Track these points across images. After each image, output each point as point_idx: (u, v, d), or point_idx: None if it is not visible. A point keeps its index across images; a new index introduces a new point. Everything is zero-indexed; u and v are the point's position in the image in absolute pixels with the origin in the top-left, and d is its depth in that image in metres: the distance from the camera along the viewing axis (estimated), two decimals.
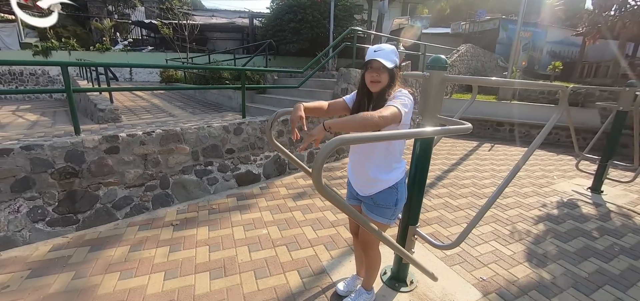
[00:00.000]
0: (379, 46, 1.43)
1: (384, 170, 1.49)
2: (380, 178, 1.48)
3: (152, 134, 3.06)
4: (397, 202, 1.53)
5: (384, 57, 1.40)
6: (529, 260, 2.51)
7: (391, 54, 1.42)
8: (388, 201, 1.52)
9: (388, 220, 1.56)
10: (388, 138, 1.15)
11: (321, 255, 2.42)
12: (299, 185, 3.85)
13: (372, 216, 1.55)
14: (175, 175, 3.26)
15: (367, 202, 1.58)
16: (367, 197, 1.57)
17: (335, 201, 1.11)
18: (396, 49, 1.43)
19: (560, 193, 4.10)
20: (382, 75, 1.41)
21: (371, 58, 1.41)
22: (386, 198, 1.51)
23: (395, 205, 1.53)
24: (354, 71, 5.15)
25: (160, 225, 2.82)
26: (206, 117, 5.53)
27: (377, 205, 1.53)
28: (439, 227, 2.98)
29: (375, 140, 1.18)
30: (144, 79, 14.08)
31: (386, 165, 1.49)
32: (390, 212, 1.54)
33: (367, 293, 1.87)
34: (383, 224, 1.56)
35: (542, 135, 1.82)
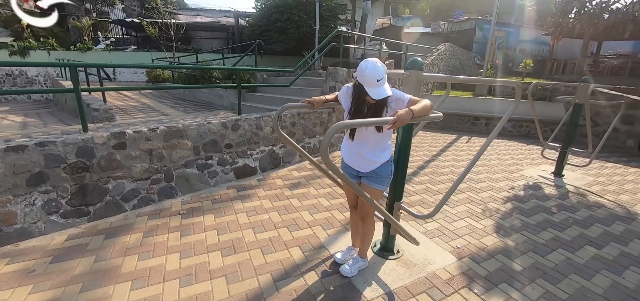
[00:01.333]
0: (377, 71, 1.58)
1: (381, 149, 1.85)
2: (378, 157, 1.84)
3: (156, 130, 3.26)
4: (391, 171, 1.92)
5: (386, 82, 1.63)
6: (497, 232, 2.92)
7: (384, 73, 1.61)
8: (387, 171, 1.90)
9: (385, 187, 1.94)
10: (377, 123, 1.48)
11: (319, 234, 2.73)
12: (294, 176, 4.14)
13: (374, 185, 1.91)
14: (179, 169, 3.48)
15: (370, 176, 1.91)
16: (369, 172, 1.90)
17: (336, 171, 1.42)
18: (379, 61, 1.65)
19: (527, 177, 4.59)
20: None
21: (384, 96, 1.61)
22: (386, 170, 1.89)
23: (390, 174, 1.91)
24: (342, 70, 5.47)
25: (168, 214, 3.04)
26: (200, 115, 5.71)
27: (379, 176, 1.89)
28: (421, 208, 3.35)
29: (362, 125, 1.51)
30: (128, 79, 13.87)
31: (383, 145, 1.84)
32: (387, 180, 1.92)
33: (362, 261, 2.21)
34: (381, 191, 1.93)
35: (501, 122, 2.19)
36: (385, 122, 1.46)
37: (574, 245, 2.75)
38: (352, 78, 5.64)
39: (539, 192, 4.02)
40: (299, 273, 2.20)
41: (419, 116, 1.55)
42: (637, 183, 4.60)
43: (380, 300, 1.97)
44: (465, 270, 2.32)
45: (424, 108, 1.57)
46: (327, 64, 9.56)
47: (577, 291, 2.16)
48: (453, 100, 8.48)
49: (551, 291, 2.14)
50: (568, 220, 3.25)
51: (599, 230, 3.06)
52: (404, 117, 1.42)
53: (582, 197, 3.94)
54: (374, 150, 1.83)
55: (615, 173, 5.05)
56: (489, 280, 2.22)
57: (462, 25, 16.42)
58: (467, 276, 2.24)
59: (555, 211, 3.45)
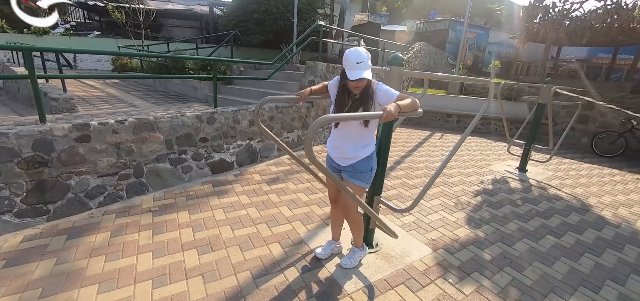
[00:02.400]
0: (358, 55, 1.61)
1: (364, 143, 1.83)
2: (360, 152, 1.83)
3: (124, 122, 3.06)
4: (372, 168, 1.90)
5: (366, 67, 1.63)
6: (469, 224, 3.06)
7: (368, 61, 1.65)
8: (366, 167, 1.87)
9: (365, 184, 1.91)
10: (360, 118, 1.48)
11: (298, 229, 2.71)
12: (272, 171, 4.07)
13: (353, 181, 1.89)
14: (150, 164, 3.29)
15: (348, 170, 1.90)
16: (348, 166, 1.90)
17: (319, 166, 1.40)
18: (369, 54, 1.68)
19: (495, 172, 4.86)
20: (363, 81, 1.68)
21: (360, 77, 1.60)
22: (365, 166, 1.87)
23: (371, 171, 1.89)
24: (321, 64, 5.45)
25: (139, 212, 2.87)
26: (172, 107, 5.45)
27: (356, 171, 1.87)
28: (398, 202, 3.44)
29: (350, 119, 1.49)
30: (90, 67, 12.91)
31: (365, 139, 1.83)
32: (367, 176, 1.90)
33: (360, 251, 2.24)
34: (361, 187, 1.91)
35: (474, 122, 2.27)
36: (373, 117, 1.45)
37: (536, 235, 2.95)
38: (331, 73, 5.64)
39: (505, 186, 4.27)
40: (279, 269, 2.17)
41: (405, 112, 1.56)
42: (590, 177, 5.03)
43: (361, 293, 2.00)
44: (440, 261, 2.41)
45: (411, 104, 1.57)
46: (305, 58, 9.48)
47: (540, 277, 2.32)
48: (427, 97, 8.75)
49: (518, 278, 2.29)
50: (531, 211, 3.48)
51: (558, 221, 3.31)
52: (392, 112, 1.42)
53: (543, 190, 4.24)
54: (355, 144, 1.82)
55: (571, 168, 5.49)
56: (462, 269, 2.33)
57: (437, 26, 16.96)
58: (442, 267, 2.33)
59: (520, 203, 3.69)
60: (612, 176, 5.27)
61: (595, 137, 6.81)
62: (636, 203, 4.05)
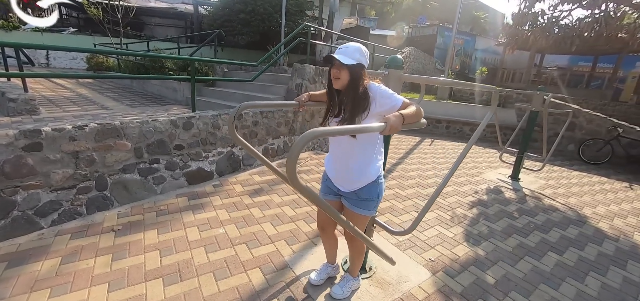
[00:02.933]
0: (344, 45, 1.46)
1: (368, 164, 1.53)
2: (364, 174, 1.53)
3: (84, 128, 2.68)
4: (379, 194, 1.61)
5: (344, 53, 1.42)
6: (467, 240, 2.85)
7: (354, 52, 1.43)
8: (371, 194, 1.58)
9: (371, 212, 1.63)
10: (356, 131, 1.21)
11: (283, 250, 2.41)
12: (255, 181, 3.76)
13: (357, 210, 1.61)
14: (115, 175, 2.92)
15: (351, 197, 1.62)
16: (350, 193, 1.61)
17: (309, 195, 1.12)
18: (362, 48, 1.45)
19: (488, 181, 4.71)
20: (341, 72, 1.43)
21: (332, 55, 1.43)
22: (369, 192, 1.57)
23: (377, 198, 1.60)
24: (309, 67, 5.18)
25: (99, 231, 2.50)
26: (147, 110, 5.04)
27: (361, 199, 1.58)
28: (391, 216, 3.20)
29: (342, 133, 1.21)
30: (65, 65, 12.17)
31: (369, 158, 1.53)
32: (373, 204, 1.61)
33: (354, 280, 1.96)
34: (367, 216, 1.64)
35: (477, 133, 2.07)
36: (373, 130, 1.17)
37: (538, 252, 2.77)
38: (320, 77, 5.38)
39: (500, 196, 4.11)
40: None
41: (410, 124, 1.30)
42: (581, 186, 4.96)
43: None
44: (440, 287, 2.17)
45: (415, 114, 1.31)
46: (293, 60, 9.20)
47: None
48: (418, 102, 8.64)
49: None
50: (529, 225, 3.32)
51: (557, 235, 3.15)
52: (395, 124, 1.16)
53: (538, 200, 4.11)
54: (356, 164, 1.52)
55: (562, 176, 5.42)
56: (465, 296, 2.09)
57: (425, 31, 17.06)
58: (444, 294, 2.09)
59: (517, 216, 3.52)
60: (602, 184, 5.23)
61: (582, 145, 6.83)
62: (629, 214, 3.97)
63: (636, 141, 6.30)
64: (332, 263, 2.08)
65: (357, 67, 1.44)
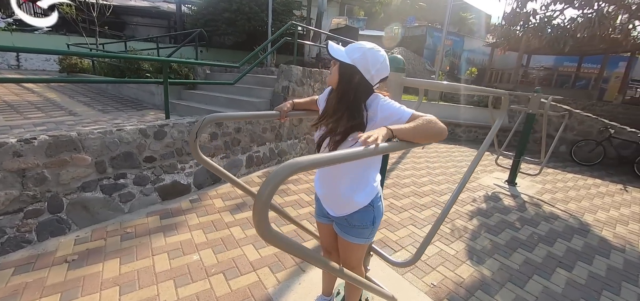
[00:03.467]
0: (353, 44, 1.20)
1: (359, 186, 1.25)
2: (354, 198, 1.25)
3: (33, 142, 2.30)
4: (375, 219, 1.32)
5: (341, 49, 1.17)
6: (471, 258, 2.60)
7: (353, 51, 1.15)
8: (364, 221, 1.30)
9: (366, 240, 1.35)
10: (354, 157, 0.91)
11: (266, 280, 2.10)
12: (238, 194, 3.42)
13: (349, 238, 1.34)
14: (72, 194, 2.53)
15: (341, 223, 1.35)
16: (340, 218, 1.34)
17: (291, 248, 0.81)
18: (370, 51, 1.15)
19: (485, 187, 4.51)
20: (333, 67, 1.20)
21: (328, 51, 1.17)
22: (362, 219, 1.29)
23: (372, 224, 1.32)
24: (296, 68, 4.87)
25: (49, 263, 2.12)
26: (121, 116, 4.63)
27: (352, 226, 1.31)
28: (387, 231, 2.92)
29: (337, 162, 0.90)
30: (37, 67, 11.47)
31: (361, 180, 1.26)
32: (368, 232, 1.33)
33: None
34: (361, 245, 1.37)
35: (488, 138, 1.81)
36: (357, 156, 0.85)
37: (546, 269, 2.55)
38: (308, 78, 5.08)
39: (499, 204, 3.91)
40: None
41: (410, 139, 1.01)
42: (578, 190, 4.84)
43: None
44: None
45: (418, 128, 1.01)
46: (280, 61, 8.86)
47: None
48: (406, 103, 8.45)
49: None
50: (533, 236, 3.11)
51: (563, 247, 2.95)
52: (374, 138, 0.88)
53: (537, 207, 3.93)
54: (347, 186, 1.25)
55: (557, 180, 5.30)
56: None
57: (414, 31, 17.00)
58: None
59: (519, 226, 3.31)
60: (597, 187, 5.13)
61: (574, 146, 6.78)
62: (630, 219, 3.84)
63: (627, 141, 6.27)
64: (328, 295, 1.79)
65: (349, 68, 1.15)
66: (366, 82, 1.16)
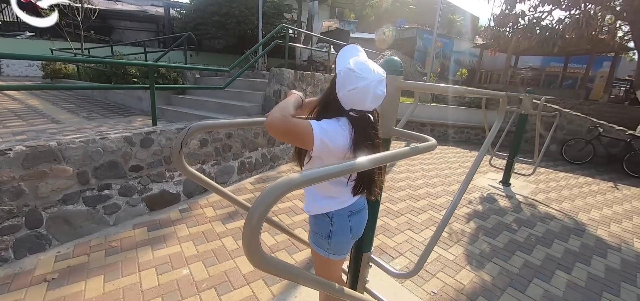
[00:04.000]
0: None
1: (316, 193, 1.22)
2: (311, 205, 1.24)
3: (8, 153, 2.15)
4: (331, 234, 1.20)
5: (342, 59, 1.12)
6: (470, 263, 2.55)
7: (339, 59, 1.11)
8: (320, 229, 1.22)
9: (324, 252, 1.23)
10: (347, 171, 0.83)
11: (260, 294, 2.00)
12: (229, 202, 3.30)
13: (311, 240, 1.29)
14: (52, 207, 2.39)
15: (309, 221, 1.31)
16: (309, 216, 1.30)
17: (286, 274, 0.73)
18: (349, 57, 1.09)
19: (480, 188, 4.50)
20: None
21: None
22: (319, 226, 1.23)
23: (328, 238, 1.20)
24: (287, 72, 4.79)
25: (27, 283, 1.98)
26: (106, 122, 4.47)
27: (312, 228, 1.27)
28: (384, 238, 2.85)
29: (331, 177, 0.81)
30: (20, 73, 11.11)
31: (319, 188, 1.21)
32: (325, 243, 1.22)
33: None
34: (320, 256, 1.25)
35: (487, 141, 1.76)
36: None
37: (545, 271, 2.52)
38: (300, 82, 5.01)
39: (495, 205, 3.89)
40: None
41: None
42: (570, 189, 4.87)
43: None
44: None
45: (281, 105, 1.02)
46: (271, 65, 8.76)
47: None
48: (404, 106, 8.45)
49: None
50: (530, 238, 3.08)
51: (561, 248, 2.93)
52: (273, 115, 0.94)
53: (532, 207, 3.92)
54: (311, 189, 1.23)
55: (550, 179, 5.33)
56: None
57: (405, 34, 17.12)
58: None
59: (516, 228, 3.29)
60: (589, 185, 5.18)
61: (565, 145, 6.86)
62: (623, 217, 3.87)
63: (616, 140, 6.37)
64: None
65: (333, 78, 1.12)
66: (337, 101, 1.08)
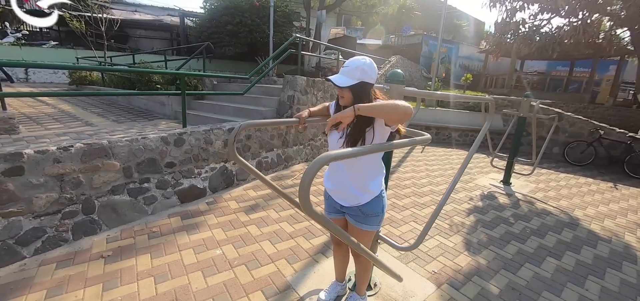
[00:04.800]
0: (349, 61, 1.39)
1: (370, 177, 1.50)
2: (367, 187, 1.48)
3: (70, 149, 2.55)
4: (383, 208, 1.58)
5: (345, 74, 1.37)
6: (468, 249, 2.84)
7: (355, 71, 1.36)
8: (376, 209, 1.54)
9: (376, 227, 1.60)
10: (364, 152, 1.16)
11: (284, 270, 2.33)
12: (250, 197, 3.66)
13: (362, 226, 1.57)
14: (103, 197, 2.77)
15: (355, 214, 1.57)
16: (353, 208, 1.56)
17: (322, 221, 1.07)
18: (366, 64, 1.38)
19: (481, 187, 4.77)
20: (344, 92, 1.38)
21: (329, 79, 1.41)
22: (374, 207, 1.53)
23: (382, 212, 1.57)
24: (300, 78, 5.16)
25: (87, 258, 2.35)
26: (135, 125, 4.89)
27: (365, 215, 1.54)
28: (390, 228, 3.16)
29: (356, 155, 1.15)
30: (45, 80, 11.76)
31: (371, 172, 1.50)
32: (378, 219, 1.58)
33: (361, 299, 1.91)
34: (372, 232, 1.61)
35: (478, 139, 2.07)
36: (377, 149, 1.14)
37: (537, 258, 2.79)
38: (311, 88, 5.37)
39: (494, 202, 4.16)
40: None
41: (373, 113, 1.27)
42: (570, 188, 5.09)
43: None
44: (447, 300, 2.13)
45: (381, 105, 1.26)
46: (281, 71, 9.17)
47: None
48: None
49: None
50: (526, 230, 3.35)
51: (554, 239, 3.19)
52: (340, 117, 1.23)
53: (530, 204, 4.17)
54: (359, 178, 1.48)
55: (550, 179, 5.56)
56: None
57: (410, 40, 17.44)
58: None
59: (513, 221, 3.55)
60: (589, 185, 5.38)
61: (567, 147, 7.05)
62: (618, 214, 4.08)
63: (617, 142, 6.55)
64: (342, 281, 2.03)
65: (358, 86, 1.37)
66: (371, 87, 1.41)
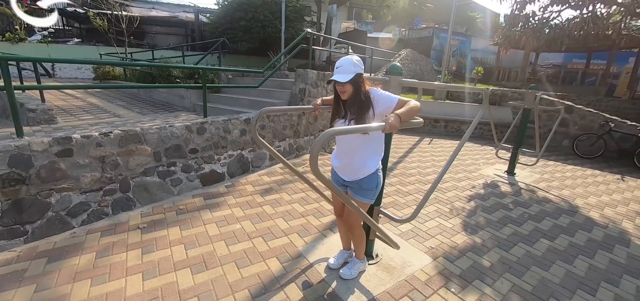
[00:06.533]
0: (339, 62, 1.68)
1: (368, 157, 1.78)
2: (367, 164, 1.78)
3: (109, 135, 2.91)
4: (378, 184, 1.86)
5: (342, 72, 1.65)
6: (465, 230, 3.07)
7: (349, 66, 1.65)
8: (371, 184, 1.83)
9: (371, 200, 1.88)
10: (363, 130, 1.44)
11: (296, 242, 2.63)
12: (265, 181, 3.98)
13: (359, 198, 1.86)
14: (137, 177, 3.14)
15: (354, 187, 1.86)
16: (353, 182, 1.85)
17: (326, 181, 1.35)
18: (355, 59, 1.67)
19: (485, 176, 4.93)
20: (345, 86, 1.67)
21: (334, 80, 1.67)
22: (370, 182, 1.82)
23: (376, 187, 1.85)
24: (311, 72, 5.42)
25: (126, 229, 2.72)
26: (158, 117, 5.27)
27: (362, 188, 1.84)
28: (394, 210, 3.42)
29: (354, 131, 1.44)
30: (70, 76, 12.41)
31: (370, 152, 1.79)
32: (372, 193, 1.86)
33: (361, 262, 2.22)
34: (367, 203, 1.89)
35: (470, 128, 2.28)
36: (377, 129, 1.40)
37: (531, 239, 2.99)
38: (322, 81, 5.62)
39: (496, 190, 4.33)
40: (279, 286, 2.08)
41: (407, 120, 1.53)
42: (575, 179, 5.19)
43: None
44: (441, 270, 2.38)
45: (411, 110, 1.53)
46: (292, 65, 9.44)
47: (539, 281, 2.33)
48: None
49: (518, 283, 2.29)
50: (524, 215, 3.54)
51: (550, 223, 3.37)
52: (394, 123, 1.39)
53: (532, 193, 4.33)
54: (359, 158, 1.78)
55: (556, 171, 5.65)
56: (464, 277, 2.31)
57: (421, 33, 17.36)
58: (444, 276, 2.31)
59: (512, 207, 3.74)
60: (595, 177, 5.45)
61: (576, 140, 7.06)
62: (619, 203, 4.19)
63: (627, 135, 6.54)
64: (348, 249, 2.31)
65: (356, 77, 1.67)
66: (361, 75, 1.70)
